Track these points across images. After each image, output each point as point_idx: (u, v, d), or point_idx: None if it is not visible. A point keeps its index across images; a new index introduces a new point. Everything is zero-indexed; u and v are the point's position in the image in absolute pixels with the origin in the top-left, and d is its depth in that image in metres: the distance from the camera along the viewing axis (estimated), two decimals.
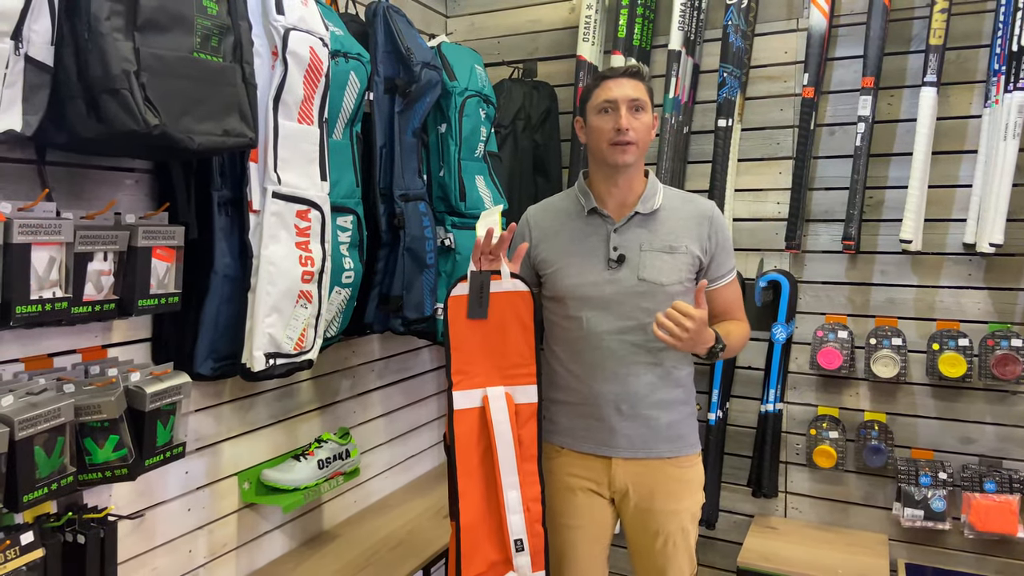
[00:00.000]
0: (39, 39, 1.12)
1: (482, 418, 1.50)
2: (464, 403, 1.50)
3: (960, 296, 2.15)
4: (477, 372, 1.51)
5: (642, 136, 1.54)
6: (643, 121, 1.54)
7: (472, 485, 1.49)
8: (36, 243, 1.21)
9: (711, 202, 1.67)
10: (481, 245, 1.49)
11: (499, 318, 1.51)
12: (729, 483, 2.43)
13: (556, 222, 1.66)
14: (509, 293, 1.51)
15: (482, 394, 1.50)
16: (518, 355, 1.53)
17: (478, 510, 1.49)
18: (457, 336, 1.50)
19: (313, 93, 1.60)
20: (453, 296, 1.50)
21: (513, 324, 1.52)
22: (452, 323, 1.50)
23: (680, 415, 1.61)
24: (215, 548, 1.76)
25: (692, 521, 1.63)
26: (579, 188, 1.65)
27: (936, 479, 2.12)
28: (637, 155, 1.55)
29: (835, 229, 2.28)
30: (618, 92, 1.52)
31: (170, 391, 1.42)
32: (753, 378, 2.39)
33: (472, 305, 1.49)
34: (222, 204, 1.53)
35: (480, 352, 1.51)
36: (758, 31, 2.35)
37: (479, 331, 1.51)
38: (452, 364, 1.50)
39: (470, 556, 1.47)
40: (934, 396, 2.19)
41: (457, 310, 1.50)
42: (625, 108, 1.51)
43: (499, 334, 1.52)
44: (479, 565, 1.48)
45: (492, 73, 2.39)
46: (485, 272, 1.50)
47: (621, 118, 1.51)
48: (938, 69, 2.05)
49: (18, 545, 1.22)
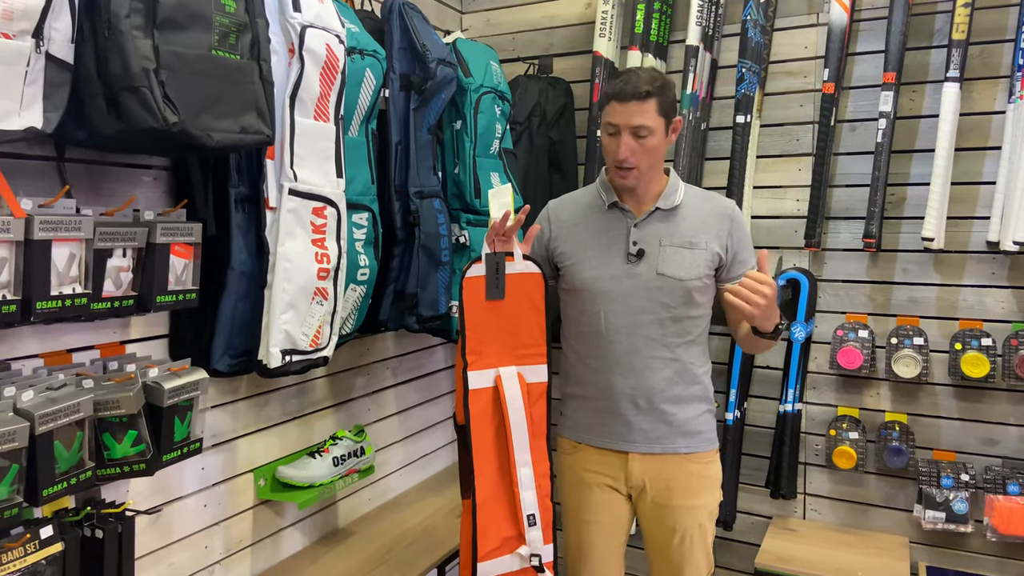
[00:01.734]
0: (60, 37, 1.13)
1: (495, 397, 1.52)
2: (478, 383, 1.51)
3: (983, 295, 2.12)
4: (490, 352, 1.53)
5: (643, 160, 1.53)
6: (647, 145, 1.52)
7: (486, 463, 1.51)
8: (56, 239, 1.22)
9: (731, 200, 1.66)
10: (496, 226, 1.50)
11: (512, 299, 1.53)
12: (747, 484, 2.40)
13: (576, 215, 1.66)
14: (521, 275, 1.54)
15: (495, 374, 1.52)
16: (529, 335, 1.55)
17: (492, 487, 1.51)
18: (472, 317, 1.51)
19: (329, 90, 1.60)
20: (468, 278, 1.51)
21: (525, 305, 1.54)
22: (467, 304, 1.51)
23: (697, 411, 1.60)
24: (231, 544, 1.77)
25: (710, 519, 1.62)
26: (600, 183, 1.66)
27: (958, 481, 2.09)
28: (639, 177, 1.55)
29: (856, 227, 2.25)
30: (621, 119, 1.50)
31: (187, 387, 1.43)
32: (771, 377, 2.37)
33: (489, 286, 1.51)
34: (239, 201, 1.53)
35: (493, 333, 1.53)
36: (777, 26, 2.33)
37: (493, 312, 1.52)
38: (467, 344, 1.51)
39: (485, 532, 1.49)
40: (956, 396, 2.16)
41: (472, 291, 1.51)
42: (627, 134, 1.51)
43: (511, 315, 1.54)
44: (493, 540, 1.51)
45: (507, 69, 2.38)
46: (500, 253, 1.52)
47: (621, 146, 1.51)
48: (961, 64, 2.02)
49: (37, 539, 1.23)
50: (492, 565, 1.50)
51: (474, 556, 1.48)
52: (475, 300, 1.51)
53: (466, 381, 1.50)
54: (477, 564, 1.48)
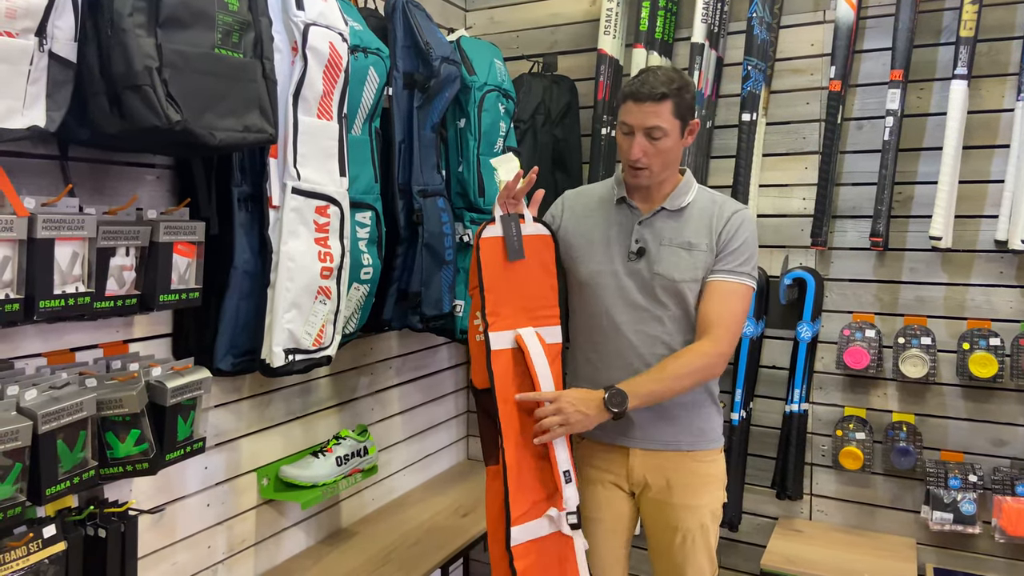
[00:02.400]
0: (63, 35, 1.13)
1: (516, 358, 1.51)
2: (499, 343, 1.50)
3: (991, 294, 2.10)
4: (508, 314, 1.52)
5: (656, 161, 1.52)
6: (660, 147, 1.50)
7: (511, 425, 1.48)
8: (59, 238, 1.22)
9: (742, 206, 1.61)
10: (510, 185, 1.50)
11: (524, 261, 1.53)
12: (753, 484, 2.39)
13: (588, 208, 1.66)
14: (532, 237, 1.55)
15: (514, 334, 1.51)
16: (543, 297, 1.56)
17: (519, 450, 1.48)
18: (490, 278, 1.50)
19: (332, 88, 1.60)
20: (485, 238, 1.50)
21: (536, 267, 1.55)
22: (485, 265, 1.50)
23: (699, 409, 1.59)
24: (234, 544, 1.77)
25: (713, 519, 1.61)
26: (616, 178, 1.66)
27: (966, 482, 2.07)
28: (651, 178, 1.55)
29: (863, 225, 2.23)
30: (636, 119, 1.49)
31: (190, 386, 1.43)
32: (778, 378, 2.35)
33: (510, 248, 1.51)
34: (242, 200, 1.53)
35: (509, 294, 1.52)
36: (783, 23, 2.31)
37: (507, 273, 1.52)
38: (487, 305, 1.50)
39: (516, 495, 1.46)
40: (964, 397, 2.14)
41: (489, 252, 1.50)
42: (640, 135, 1.50)
43: (525, 277, 1.54)
44: (523, 504, 1.47)
45: (511, 67, 2.37)
46: (514, 215, 1.53)
47: (634, 146, 1.50)
48: (969, 61, 2.00)
49: (40, 538, 1.23)
50: (523, 530, 1.46)
51: (507, 520, 1.44)
52: (492, 261, 1.50)
53: (488, 342, 1.48)
54: (511, 528, 1.44)
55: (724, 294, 1.52)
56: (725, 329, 1.51)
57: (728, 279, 1.53)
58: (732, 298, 1.52)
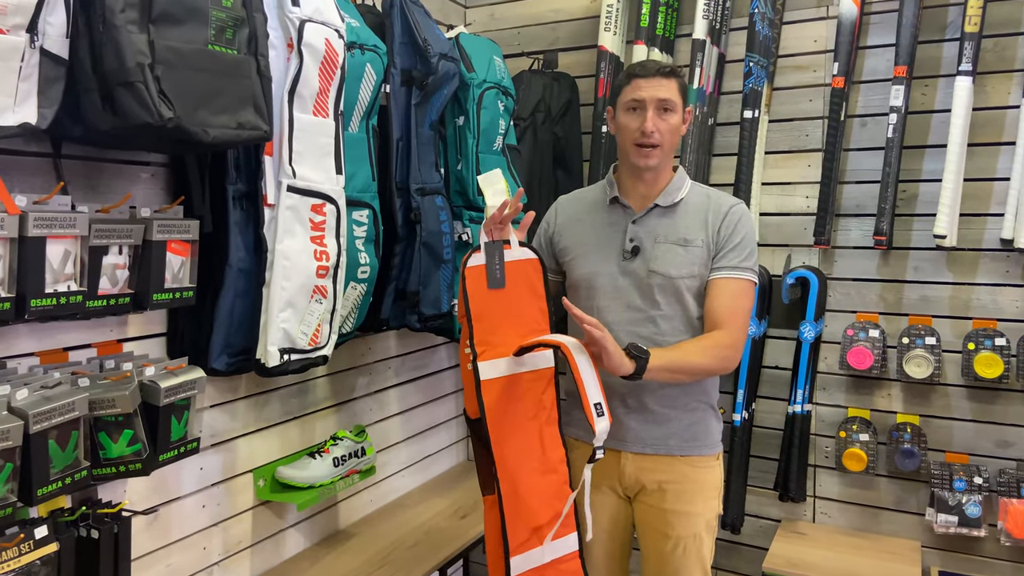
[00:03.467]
0: (54, 32, 1.13)
1: (509, 384, 1.49)
2: (490, 373, 1.48)
3: (997, 294, 2.08)
4: (498, 341, 1.50)
5: (667, 138, 1.51)
6: (670, 123, 1.51)
7: (506, 453, 1.47)
8: (51, 236, 1.21)
9: (737, 200, 1.60)
10: (495, 215, 1.48)
11: (512, 286, 1.52)
12: (755, 486, 2.37)
13: (581, 211, 1.66)
14: (520, 261, 1.53)
15: (506, 362, 1.49)
16: (533, 321, 1.54)
17: (514, 477, 1.47)
18: (477, 307, 1.49)
19: (329, 85, 1.59)
20: (470, 267, 1.49)
21: (526, 291, 1.53)
22: (471, 294, 1.48)
23: (693, 413, 1.56)
24: (230, 546, 1.75)
25: (707, 530, 1.57)
26: (607, 179, 1.65)
27: (971, 484, 2.05)
28: (661, 157, 1.53)
29: (866, 224, 2.21)
30: (647, 92, 1.49)
31: (184, 386, 1.42)
32: (780, 378, 2.34)
33: (491, 276, 1.49)
34: (237, 198, 1.52)
35: (499, 321, 1.51)
36: (786, 19, 2.29)
37: (496, 300, 1.50)
38: (475, 335, 1.48)
39: (514, 525, 1.45)
40: (969, 398, 2.12)
41: (474, 281, 1.49)
42: (652, 109, 1.49)
43: (514, 302, 1.52)
44: (523, 532, 1.46)
45: (511, 64, 2.36)
46: (498, 242, 1.51)
47: (647, 120, 1.48)
48: (974, 58, 1.99)
49: (32, 539, 1.22)
50: (524, 559, 1.45)
51: (506, 552, 1.44)
52: (478, 289, 1.49)
53: (477, 372, 1.47)
54: (509, 560, 1.43)
55: (732, 291, 1.51)
56: (736, 325, 1.50)
57: (733, 275, 1.52)
58: (740, 295, 1.52)
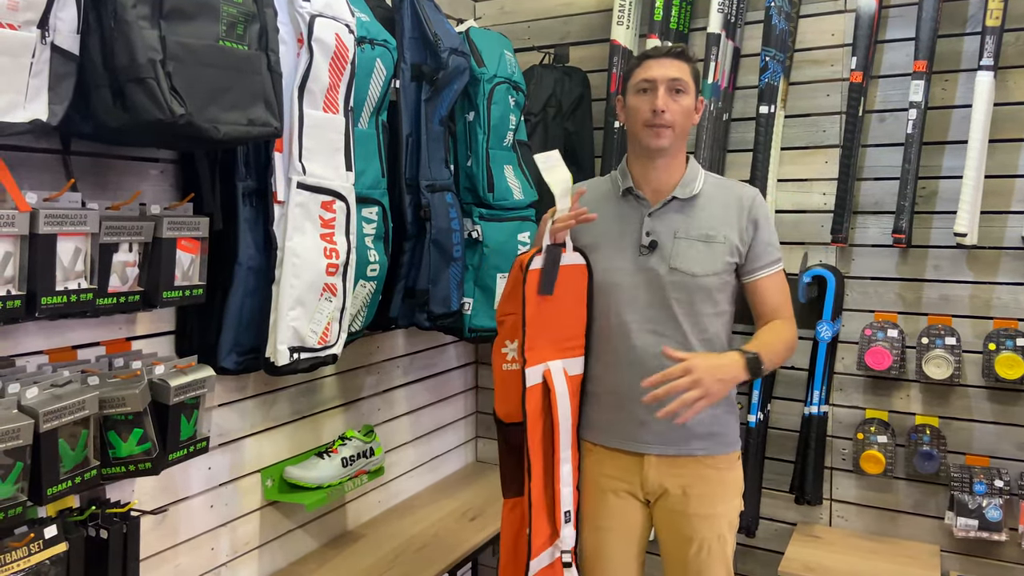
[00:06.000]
0: (65, 28, 1.12)
1: (543, 393, 1.50)
2: (533, 379, 1.48)
3: (1019, 293, 2.04)
4: (541, 347, 1.50)
5: (679, 119, 1.48)
6: (682, 104, 1.48)
7: (537, 460, 1.49)
8: (61, 233, 1.21)
9: (754, 188, 1.59)
10: (565, 218, 1.44)
11: (559, 291, 1.49)
12: (770, 489, 2.34)
13: (594, 203, 1.61)
14: (571, 267, 1.51)
15: (544, 368, 1.50)
16: (572, 328, 1.53)
17: (541, 484, 1.50)
18: (531, 311, 1.47)
19: (339, 81, 1.58)
20: (532, 270, 1.46)
21: (570, 298, 1.52)
22: (529, 298, 1.46)
23: (715, 412, 1.53)
24: (238, 546, 1.75)
25: (730, 529, 1.56)
26: (620, 169, 1.61)
27: (992, 487, 2.01)
28: (673, 139, 1.49)
29: (885, 221, 2.17)
30: (658, 72, 1.47)
31: (194, 385, 1.41)
32: (796, 379, 2.30)
33: (544, 281, 1.46)
34: (247, 195, 1.51)
35: (545, 327, 1.50)
36: (803, 12, 2.26)
37: (545, 306, 1.49)
38: (527, 340, 1.47)
39: (537, 530, 1.49)
40: (990, 399, 2.09)
41: (531, 285, 1.47)
42: (664, 89, 1.46)
43: (560, 308, 1.51)
44: (541, 536, 1.51)
45: (522, 59, 2.34)
46: (559, 246, 1.48)
47: (658, 99, 1.46)
48: (995, 52, 1.95)
49: (42, 539, 1.22)
50: (538, 561, 1.51)
51: (529, 553, 1.48)
52: (532, 294, 1.47)
53: (524, 380, 1.46)
54: (530, 561, 1.48)
55: (778, 286, 1.55)
56: (791, 312, 1.56)
57: (774, 270, 1.55)
58: (783, 284, 1.57)
